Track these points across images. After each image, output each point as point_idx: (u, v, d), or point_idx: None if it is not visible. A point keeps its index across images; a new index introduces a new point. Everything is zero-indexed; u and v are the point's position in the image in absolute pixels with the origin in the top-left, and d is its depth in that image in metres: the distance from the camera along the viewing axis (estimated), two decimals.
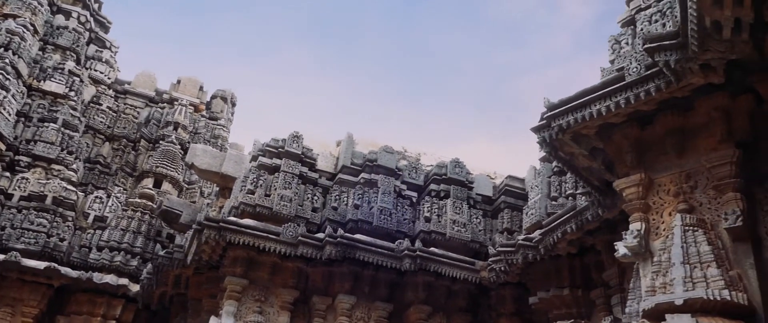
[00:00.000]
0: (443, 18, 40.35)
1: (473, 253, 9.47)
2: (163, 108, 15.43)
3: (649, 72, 5.12)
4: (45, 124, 12.94)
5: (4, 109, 12.21)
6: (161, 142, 14.49)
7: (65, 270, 11.62)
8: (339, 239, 8.71)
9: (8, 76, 12.44)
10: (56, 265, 11.50)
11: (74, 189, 12.62)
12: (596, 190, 6.73)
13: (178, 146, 14.46)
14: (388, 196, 9.56)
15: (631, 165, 5.72)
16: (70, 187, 12.49)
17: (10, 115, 12.43)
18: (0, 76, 12.24)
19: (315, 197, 9.64)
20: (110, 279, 11.86)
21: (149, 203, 12.96)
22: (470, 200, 9.90)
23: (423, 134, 39.16)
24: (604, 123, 5.67)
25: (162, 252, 10.42)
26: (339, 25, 40.82)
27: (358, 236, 9.00)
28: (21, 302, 11.53)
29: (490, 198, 10.19)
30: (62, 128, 13.03)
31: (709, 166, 5.24)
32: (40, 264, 11.35)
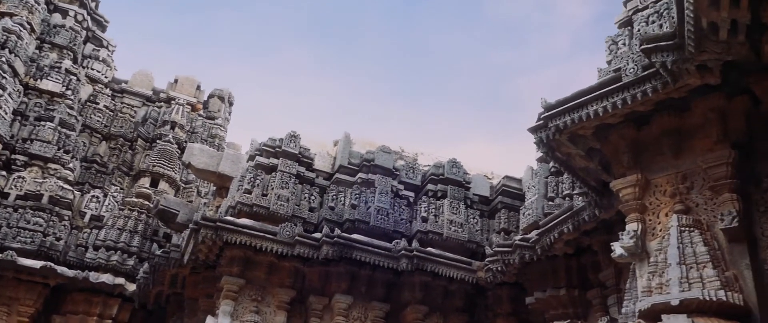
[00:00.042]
0: (442, 18, 40.42)
1: (470, 253, 9.48)
2: (160, 107, 15.41)
3: (646, 73, 5.12)
4: (42, 123, 12.92)
5: (1, 108, 12.18)
6: (158, 141, 14.46)
7: (61, 269, 11.61)
8: (336, 239, 8.71)
9: (5, 75, 12.41)
10: (52, 264, 11.49)
11: (71, 188, 12.60)
12: (593, 191, 6.73)
13: (175, 145, 14.44)
14: (385, 196, 9.56)
15: (628, 165, 5.73)
16: (67, 186, 12.47)
17: (7, 114, 12.40)
18: None
19: (312, 197, 9.64)
20: (106, 278, 11.84)
21: (146, 202, 12.95)
22: (467, 200, 9.91)
23: (421, 134, 39.22)
24: (601, 123, 5.67)
25: (159, 251, 10.41)
26: (339, 25, 40.85)
27: (355, 236, 9.00)
28: (17, 301, 11.51)
29: (487, 198, 10.20)
30: (59, 127, 13.01)
31: (706, 167, 5.24)
32: (37, 263, 11.33)
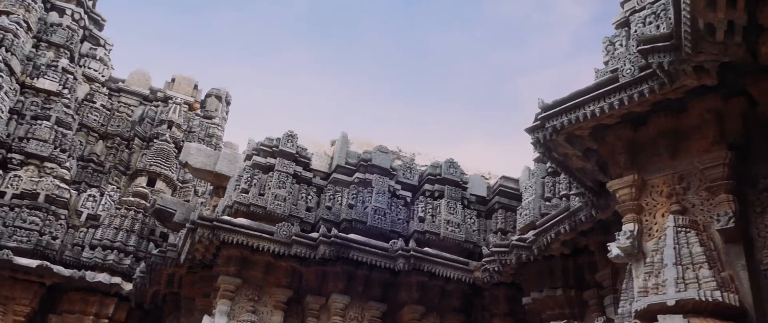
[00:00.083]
0: (442, 18, 40.42)
1: (467, 253, 9.48)
2: (158, 106, 15.38)
3: (643, 73, 5.14)
4: (38, 122, 12.89)
5: None
6: (155, 141, 14.44)
7: (58, 268, 11.58)
8: (333, 238, 8.71)
9: (1, 74, 12.38)
10: (48, 264, 11.46)
11: (67, 187, 12.57)
12: (590, 191, 6.75)
13: (172, 145, 14.42)
14: (383, 196, 9.56)
15: (625, 166, 5.74)
16: (63, 185, 12.44)
17: (3, 113, 12.37)
18: None
19: (309, 196, 9.63)
20: (103, 277, 11.82)
21: (143, 202, 12.93)
22: (464, 200, 9.91)
23: (420, 134, 39.22)
24: (598, 124, 5.68)
25: (155, 251, 10.39)
26: (338, 25, 40.81)
27: (352, 236, 9.00)
28: (13, 300, 11.49)
29: (485, 198, 10.20)
30: (55, 126, 12.98)
31: (702, 168, 5.26)
32: (33, 262, 11.30)
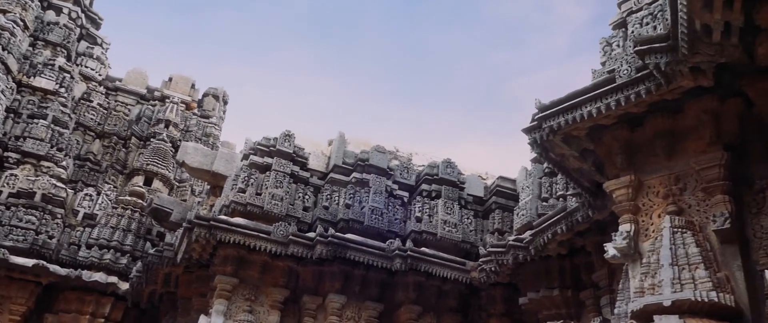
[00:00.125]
0: (441, 18, 40.42)
1: (464, 253, 9.49)
2: (155, 105, 15.35)
3: (640, 74, 5.15)
4: (34, 121, 12.85)
5: None
6: (152, 140, 14.41)
7: (54, 267, 11.55)
8: (330, 238, 8.71)
9: None
10: (45, 263, 11.42)
11: (64, 186, 12.54)
12: (586, 192, 6.76)
13: (169, 144, 14.38)
14: (380, 196, 9.56)
15: (621, 166, 5.76)
16: (60, 184, 12.41)
17: (0, 112, 12.34)
18: None
19: (306, 196, 9.62)
20: (99, 277, 11.79)
21: (139, 201, 12.91)
22: (461, 200, 9.92)
23: (418, 134, 39.20)
24: (595, 124, 5.69)
25: (152, 250, 10.39)
26: (338, 25, 40.77)
27: (349, 235, 8.99)
28: (9, 300, 11.45)
29: (482, 198, 10.21)
30: (52, 125, 12.95)
31: (698, 168, 5.27)
32: (29, 261, 11.27)
